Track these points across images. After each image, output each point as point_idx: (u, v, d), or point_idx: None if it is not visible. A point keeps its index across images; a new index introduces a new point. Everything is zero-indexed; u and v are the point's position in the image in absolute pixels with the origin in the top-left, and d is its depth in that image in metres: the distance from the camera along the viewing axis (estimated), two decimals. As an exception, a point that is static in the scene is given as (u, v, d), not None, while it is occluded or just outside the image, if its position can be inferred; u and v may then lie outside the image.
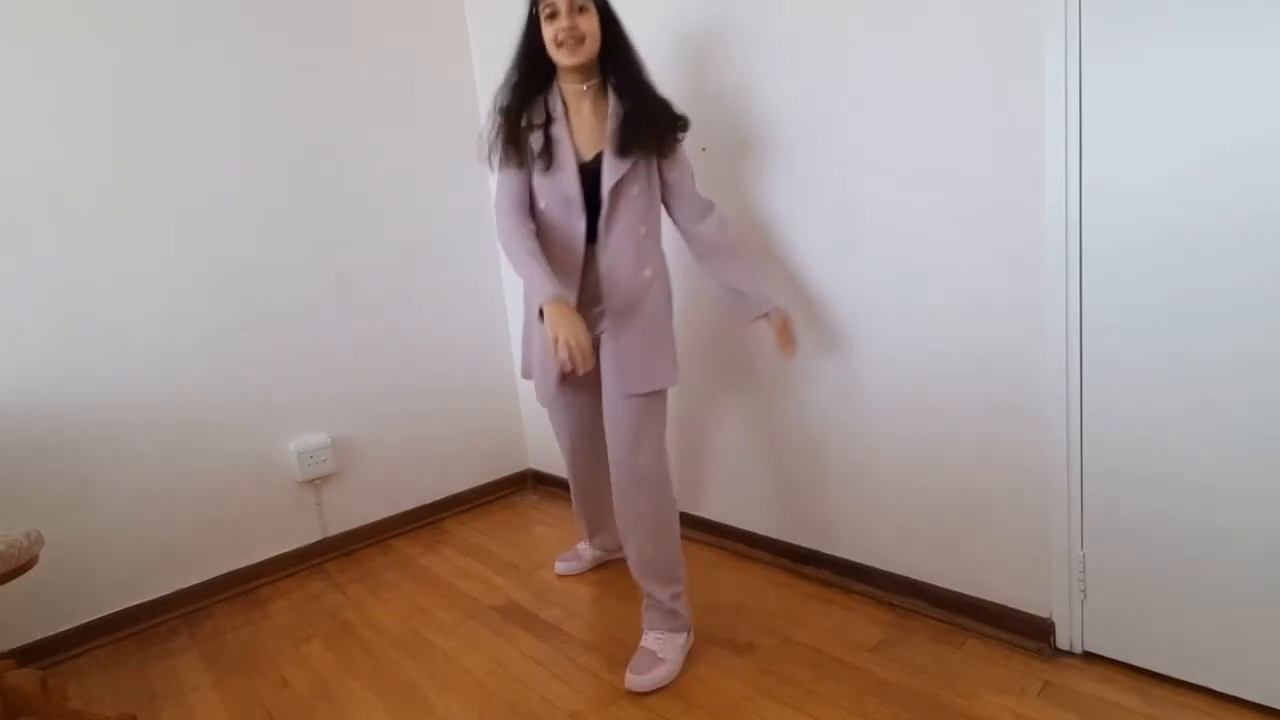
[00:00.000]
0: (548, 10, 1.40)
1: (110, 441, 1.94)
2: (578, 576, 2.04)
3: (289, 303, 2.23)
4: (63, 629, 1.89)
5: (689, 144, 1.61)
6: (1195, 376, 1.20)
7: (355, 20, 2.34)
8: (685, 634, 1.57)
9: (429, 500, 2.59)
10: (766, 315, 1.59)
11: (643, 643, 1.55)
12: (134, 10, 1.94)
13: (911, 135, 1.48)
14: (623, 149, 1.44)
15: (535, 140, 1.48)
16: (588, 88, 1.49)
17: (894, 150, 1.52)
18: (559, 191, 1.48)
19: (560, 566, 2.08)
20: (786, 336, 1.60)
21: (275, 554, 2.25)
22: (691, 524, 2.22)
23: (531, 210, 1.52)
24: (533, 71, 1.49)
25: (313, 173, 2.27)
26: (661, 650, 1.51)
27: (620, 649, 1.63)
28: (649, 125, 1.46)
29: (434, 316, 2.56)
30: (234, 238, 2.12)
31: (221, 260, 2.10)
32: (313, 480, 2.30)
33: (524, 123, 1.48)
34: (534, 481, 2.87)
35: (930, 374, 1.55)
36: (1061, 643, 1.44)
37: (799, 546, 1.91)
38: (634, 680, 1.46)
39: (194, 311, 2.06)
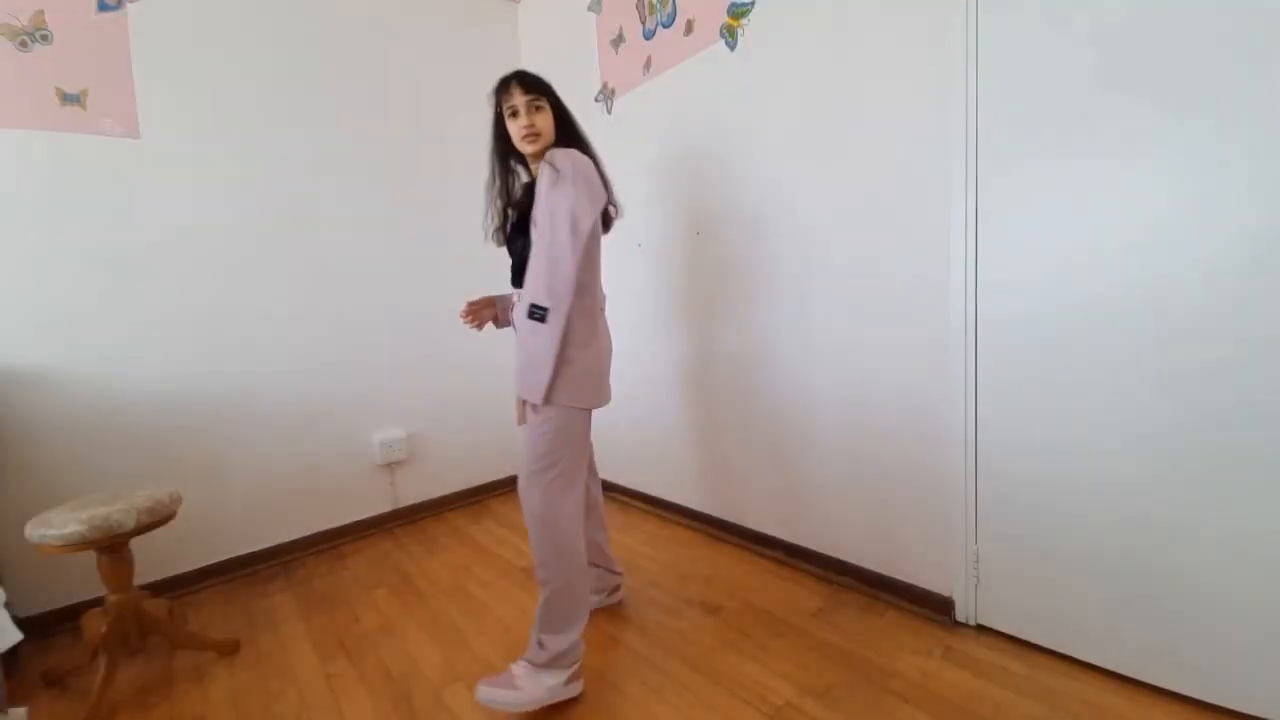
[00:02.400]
0: (510, 111, 1.28)
1: (238, 427, 1.93)
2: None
3: (381, 327, 2.25)
4: (188, 569, 1.86)
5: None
6: (1065, 414, 1.20)
7: (433, 113, 2.40)
8: (554, 672, 1.19)
9: (477, 483, 2.56)
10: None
11: (511, 665, 1.21)
12: (281, 106, 2.00)
13: (849, 233, 1.50)
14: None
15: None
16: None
17: (835, 243, 1.53)
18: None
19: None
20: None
21: (356, 519, 2.22)
22: (675, 510, 2.19)
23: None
24: (504, 158, 1.36)
25: (403, 228, 2.31)
26: (520, 679, 1.18)
27: (618, 606, 1.59)
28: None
29: (488, 342, 2.55)
30: (343, 278, 2.15)
31: (332, 294, 2.13)
32: (389, 464, 2.27)
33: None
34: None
35: (864, 406, 1.54)
36: (960, 617, 1.40)
37: (759, 531, 1.88)
38: (479, 689, 1.18)
39: (309, 331, 2.08)
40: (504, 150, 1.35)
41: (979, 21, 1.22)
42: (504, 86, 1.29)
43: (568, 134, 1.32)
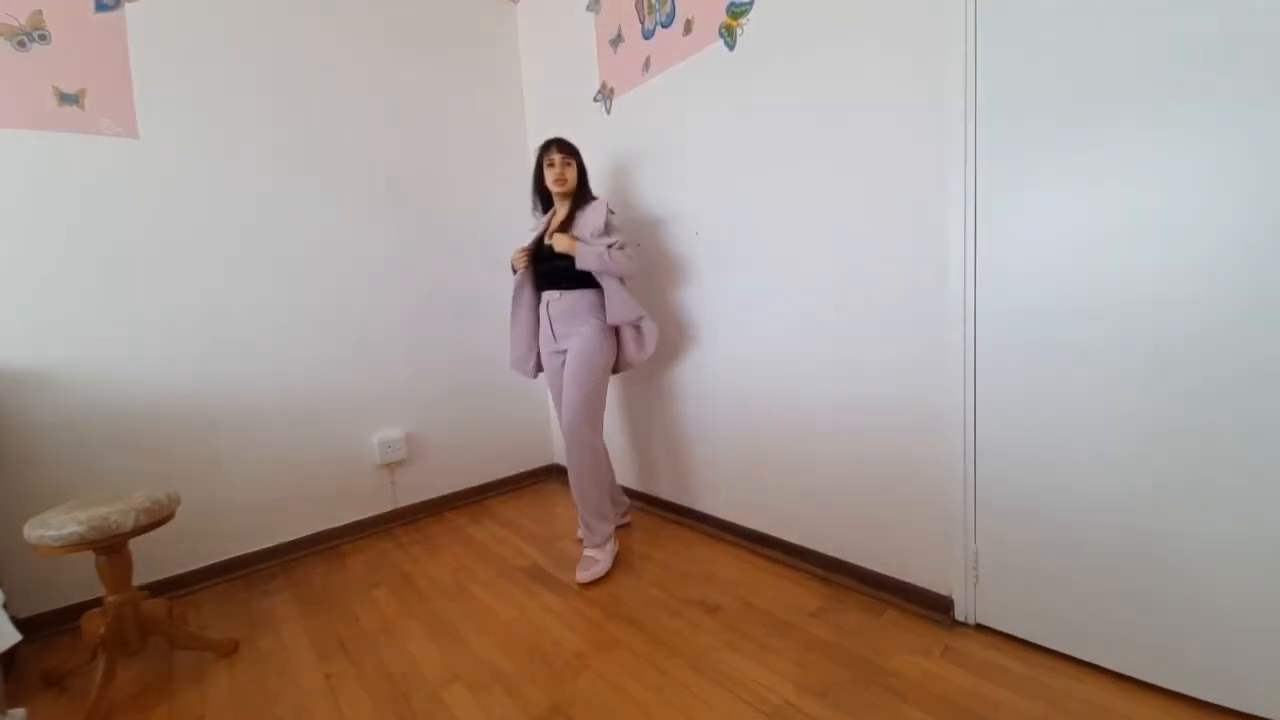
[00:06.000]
0: (549, 163, 1.81)
1: (236, 428, 1.93)
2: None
3: (378, 327, 2.25)
4: (188, 569, 1.86)
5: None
6: (1063, 406, 1.19)
7: (431, 112, 2.40)
8: (609, 543, 1.83)
9: (476, 483, 2.56)
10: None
11: (586, 552, 1.80)
12: (280, 106, 2.00)
13: (848, 232, 1.50)
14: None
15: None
16: (566, 204, 1.86)
17: (835, 242, 1.53)
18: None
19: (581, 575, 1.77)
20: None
21: (356, 519, 2.21)
22: (674, 509, 2.19)
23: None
24: (539, 194, 1.93)
25: (402, 228, 2.30)
26: (597, 555, 1.78)
27: (618, 605, 1.59)
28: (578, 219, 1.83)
29: (486, 344, 2.56)
30: (340, 277, 2.15)
31: (330, 293, 2.12)
32: (388, 464, 2.27)
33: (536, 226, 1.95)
34: (557, 472, 2.83)
35: (864, 404, 1.54)
36: (959, 616, 1.40)
37: (757, 531, 1.88)
38: (580, 576, 1.73)
39: (307, 331, 2.07)
40: (536, 187, 1.93)
41: (978, 20, 1.22)
42: (546, 147, 1.83)
43: (585, 185, 1.88)
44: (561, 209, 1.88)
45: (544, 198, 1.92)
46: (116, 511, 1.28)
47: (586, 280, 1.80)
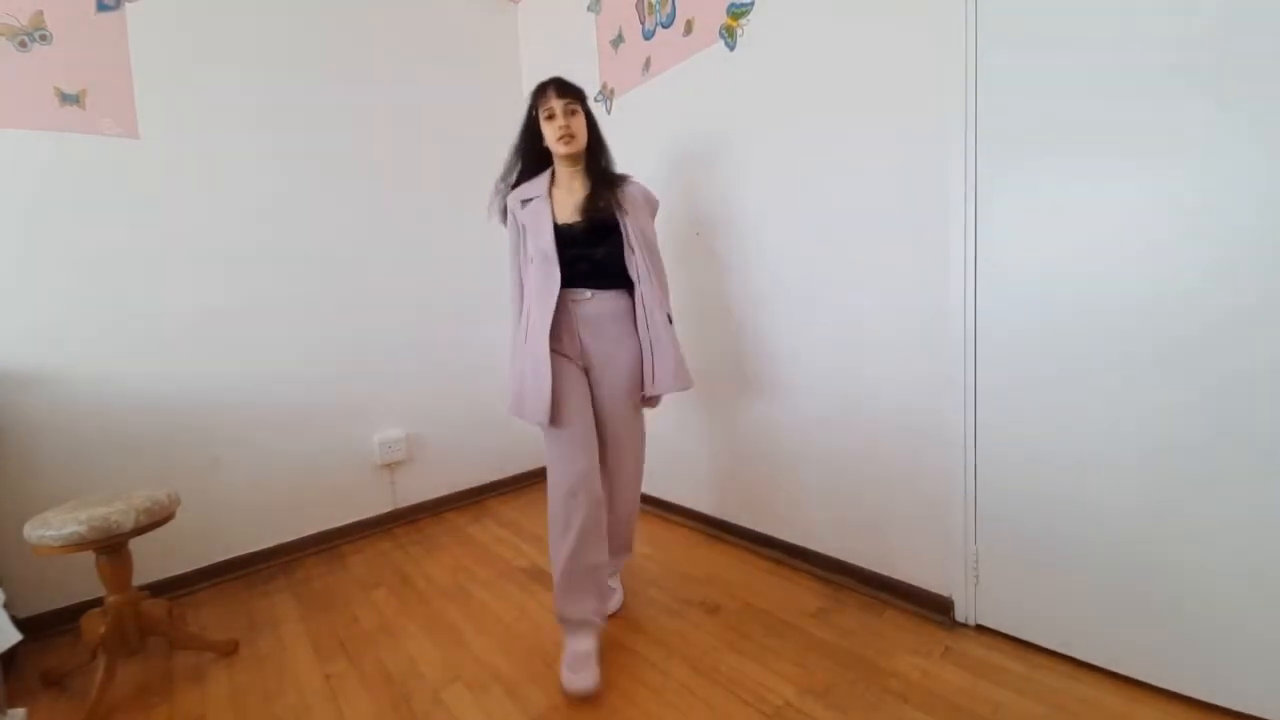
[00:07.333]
0: (547, 114, 1.32)
1: (236, 428, 1.93)
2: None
3: (381, 328, 2.24)
4: (188, 570, 1.85)
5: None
6: (1061, 414, 1.20)
7: (433, 112, 2.40)
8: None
9: (477, 484, 2.56)
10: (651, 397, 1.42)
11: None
12: (281, 107, 2.00)
13: (849, 234, 1.50)
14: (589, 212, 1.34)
15: (524, 212, 1.38)
16: (577, 171, 1.39)
17: (836, 244, 1.54)
18: (539, 249, 1.32)
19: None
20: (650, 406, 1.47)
21: (355, 520, 2.21)
22: (675, 510, 2.19)
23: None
24: (531, 159, 1.41)
25: (403, 228, 2.30)
26: (614, 584, 1.61)
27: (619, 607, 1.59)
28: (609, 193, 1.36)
29: (487, 344, 2.56)
30: (343, 279, 2.15)
31: (331, 293, 2.12)
32: (389, 464, 2.27)
33: (517, 199, 1.39)
34: (556, 473, 2.83)
35: (864, 406, 1.54)
36: (959, 617, 1.40)
37: (758, 532, 1.88)
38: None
39: (307, 331, 2.07)
40: (529, 149, 1.41)
41: (979, 24, 1.22)
42: (541, 91, 1.34)
43: (598, 140, 1.40)
44: (573, 180, 1.38)
45: (531, 163, 1.41)
46: (116, 511, 1.28)
47: (622, 277, 1.36)
